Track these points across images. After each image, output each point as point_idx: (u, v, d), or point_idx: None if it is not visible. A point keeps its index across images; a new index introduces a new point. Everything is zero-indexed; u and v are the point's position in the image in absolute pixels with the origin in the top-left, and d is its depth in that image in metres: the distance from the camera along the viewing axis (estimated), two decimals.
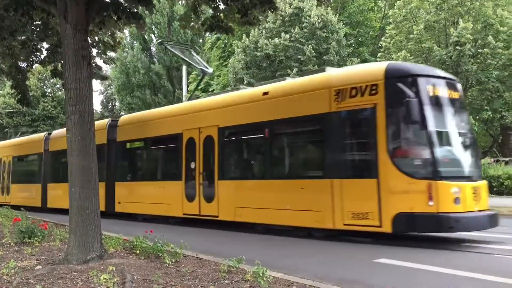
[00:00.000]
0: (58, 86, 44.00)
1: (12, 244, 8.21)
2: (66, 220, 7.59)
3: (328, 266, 6.76)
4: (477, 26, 23.33)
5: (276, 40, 24.88)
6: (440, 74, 9.22)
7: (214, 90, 30.06)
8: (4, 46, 10.49)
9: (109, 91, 53.35)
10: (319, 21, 24.83)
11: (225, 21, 8.82)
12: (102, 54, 12.24)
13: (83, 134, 6.65)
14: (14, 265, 5.87)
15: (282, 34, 24.84)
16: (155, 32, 39.86)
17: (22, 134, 28.00)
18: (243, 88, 12.86)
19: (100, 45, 11.63)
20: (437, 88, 8.57)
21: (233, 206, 10.95)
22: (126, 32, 34.00)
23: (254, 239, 9.88)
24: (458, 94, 9.02)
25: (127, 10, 8.09)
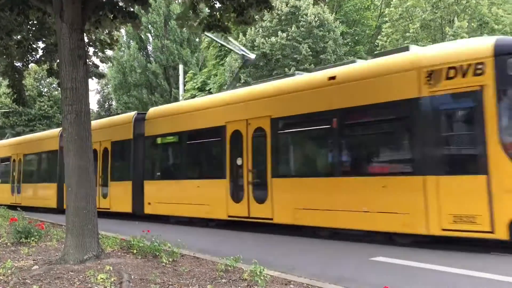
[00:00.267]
0: (54, 85, 43.87)
1: (8, 244, 8.19)
2: (63, 220, 7.58)
3: (325, 264, 6.77)
4: (472, 24, 23.40)
5: (273, 39, 24.85)
6: None
7: (210, 89, 30.03)
8: (0, 46, 10.47)
9: (105, 91, 53.19)
10: (316, 19, 24.83)
11: (221, 20, 8.81)
12: (99, 53, 12.23)
13: (80, 134, 6.64)
14: (11, 265, 5.86)
15: (279, 33, 24.81)
16: (152, 31, 39.75)
17: (18, 134, 27.62)
18: (298, 74, 11.32)
19: (97, 43, 11.61)
20: None
21: (291, 207, 9.65)
22: (122, 31, 33.94)
23: (250, 238, 9.88)
24: None
25: (123, 9, 8.09)
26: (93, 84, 61.69)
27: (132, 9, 8.49)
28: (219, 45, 32.71)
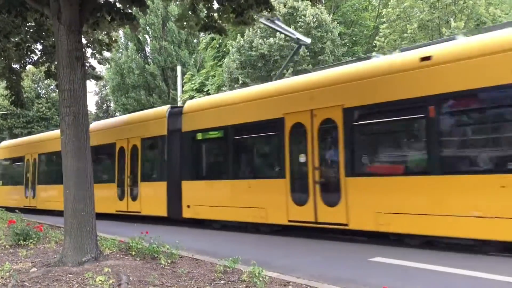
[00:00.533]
0: (52, 87, 43.79)
1: (7, 246, 8.17)
2: (61, 222, 7.57)
3: (324, 265, 6.78)
4: (470, 24, 23.45)
5: (271, 39, 24.87)
6: None
7: (208, 90, 30.01)
8: None
9: (103, 92, 53.16)
10: (314, 20, 24.87)
11: (219, 21, 8.81)
12: (97, 54, 12.23)
13: (78, 136, 6.64)
14: (9, 267, 5.86)
15: (277, 34, 24.84)
16: (149, 32, 39.76)
17: (16, 136, 27.33)
18: (376, 56, 9.84)
19: (95, 44, 11.61)
20: None
21: (373, 211, 8.26)
22: (120, 32, 33.94)
23: (248, 240, 9.86)
24: None
25: (121, 11, 8.09)
26: (91, 85, 61.61)
27: (129, 10, 8.48)
28: (217, 46, 32.79)
